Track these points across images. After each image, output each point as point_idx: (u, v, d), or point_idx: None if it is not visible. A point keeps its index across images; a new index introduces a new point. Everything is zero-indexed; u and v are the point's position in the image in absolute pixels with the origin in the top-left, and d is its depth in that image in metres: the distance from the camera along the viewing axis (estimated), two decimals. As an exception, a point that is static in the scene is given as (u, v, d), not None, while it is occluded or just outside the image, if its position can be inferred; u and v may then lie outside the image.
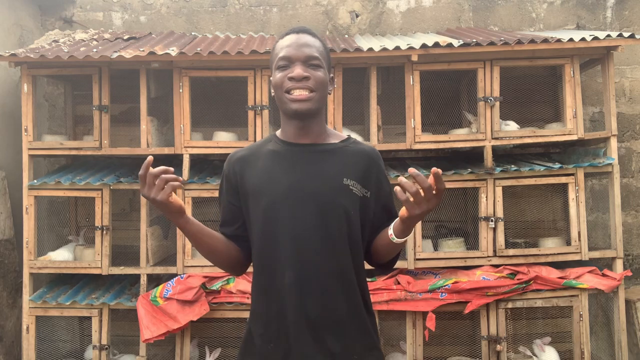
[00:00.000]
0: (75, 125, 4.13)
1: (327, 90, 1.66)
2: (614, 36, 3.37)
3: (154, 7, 4.39)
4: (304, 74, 1.57)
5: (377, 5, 4.34)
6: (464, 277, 3.35)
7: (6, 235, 3.74)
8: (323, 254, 1.58)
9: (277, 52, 1.63)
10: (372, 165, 1.67)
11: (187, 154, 3.47)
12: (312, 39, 1.63)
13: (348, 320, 1.60)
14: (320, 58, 1.62)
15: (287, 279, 1.57)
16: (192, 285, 3.30)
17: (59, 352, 3.72)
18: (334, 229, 1.58)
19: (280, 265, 1.58)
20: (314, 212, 1.58)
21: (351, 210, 1.60)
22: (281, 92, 1.60)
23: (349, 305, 1.60)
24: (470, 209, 3.69)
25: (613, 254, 3.47)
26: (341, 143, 1.69)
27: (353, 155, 1.67)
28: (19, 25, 4.14)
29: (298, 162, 1.63)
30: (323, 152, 1.66)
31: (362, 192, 1.63)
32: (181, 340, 3.40)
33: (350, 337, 1.60)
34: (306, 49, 1.60)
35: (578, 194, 3.44)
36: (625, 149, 4.16)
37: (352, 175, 1.63)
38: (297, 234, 1.58)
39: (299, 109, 1.59)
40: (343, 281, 1.59)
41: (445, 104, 3.82)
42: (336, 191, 1.60)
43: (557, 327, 3.87)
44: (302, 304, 1.56)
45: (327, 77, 1.64)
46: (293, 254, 1.57)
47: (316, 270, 1.57)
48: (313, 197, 1.59)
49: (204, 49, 3.37)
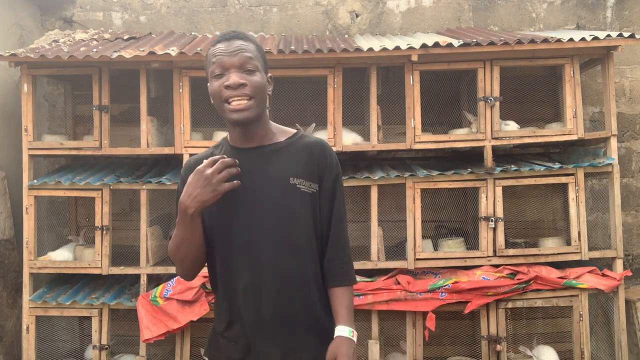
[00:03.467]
0: (75, 125, 4.13)
1: (266, 93, 1.65)
2: (614, 36, 3.37)
3: (154, 7, 4.40)
4: (240, 81, 1.57)
5: (377, 5, 4.34)
6: (464, 277, 3.35)
7: (6, 235, 3.74)
8: (275, 254, 1.60)
9: (210, 59, 1.62)
10: (317, 159, 1.67)
11: (187, 154, 3.47)
12: (245, 43, 1.62)
13: (304, 318, 1.63)
14: (255, 61, 1.61)
15: (242, 281, 1.61)
16: (192, 285, 3.29)
17: (59, 352, 3.72)
18: (285, 230, 1.61)
19: (235, 268, 1.62)
20: (264, 215, 1.61)
21: (301, 209, 1.62)
22: (220, 101, 1.60)
23: (304, 303, 1.63)
24: (470, 209, 3.69)
25: (613, 254, 3.47)
26: (287, 140, 1.70)
27: (298, 152, 1.67)
28: (19, 25, 4.14)
29: (245, 166, 1.61)
30: (268, 154, 1.67)
31: (311, 188, 1.64)
32: (181, 340, 3.40)
33: (306, 333, 1.64)
34: (240, 55, 1.58)
35: (578, 194, 3.44)
36: (625, 149, 4.16)
37: (298, 173, 1.64)
38: (249, 238, 1.61)
39: (239, 119, 1.59)
40: (296, 280, 1.62)
41: (445, 104, 3.82)
42: (284, 192, 1.62)
43: (557, 327, 3.88)
44: (257, 305, 1.60)
45: (264, 79, 1.63)
46: (246, 257, 1.61)
47: (270, 272, 1.60)
48: (262, 200, 1.61)
49: (204, 49, 3.37)
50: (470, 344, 3.70)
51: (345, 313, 1.64)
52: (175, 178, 3.47)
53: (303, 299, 1.63)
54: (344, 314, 1.64)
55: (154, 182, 3.45)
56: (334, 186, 1.69)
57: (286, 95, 3.73)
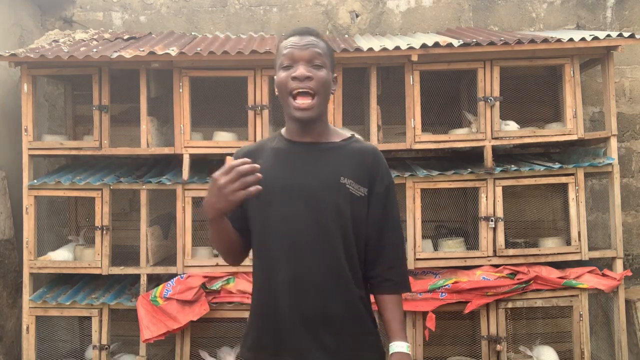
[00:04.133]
0: (75, 125, 4.13)
1: (330, 91, 1.67)
2: (614, 36, 3.37)
3: (154, 7, 4.40)
4: (307, 73, 1.59)
5: (377, 5, 4.34)
6: (464, 277, 3.35)
7: (6, 235, 3.74)
8: (316, 251, 1.60)
9: (281, 51, 1.65)
10: (370, 164, 1.68)
11: (187, 153, 3.47)
12: (316, 40, 1.65)
13: (343, 317, 1.62)
14: (324, 58, 1.64)
15: (282, 275, 1.60)
16: (192, 285, 3.29)
17: (59, 352, 3.72)
18: (327, 228, 1.60)
19: (275, 262, 1.62)
20: (308, 210, 1.60)
21: (346, 209, 1.62)
22: (285, 93, 1.62)
23: (344, 302, 1.62)
24: (470, 209, 3.69)
25: (613, 253, 3.47)
26: (342, 142, 1.71)
27: (351, 154, 1.68)
28: (19, 25, 4.14)
29: (297, 160, 1.65)
30: (323, 151, 1.68)
31: (360, 191, 1.65)
32: (181, 340, 3.40)
33: (345, 333, 1.62)
34: (309, 49, 1.62)
35: (578, 194, 3.44)
36: (625, 149, 4.16)
37: (349, 174, 1.64)
38: (291, 232, 1.61)
39: (302, 117, 1.61)
40: (337, 278, 1.61)
41: (445, 104, 3.82)
42: (332, 190, 1.62)
43: (557, 327, 3.88)
44: (296, 301, 1.59)
45: (330, 77, 1.66)
46: (287, 251, 1.61)
47: (310, 268, 1.60)
48: (308, 195, 1.61)
49: (204, 49, 3.37)
50: (470, 344, 3.70)
51: (399, 327, 1.67)
52: (175, 178, 3.47)
53: (342, 298, 1.62)
54: (397, 328, 1.67)
55: (154, 182, 3.45)
56: (387, 193, 1.69)
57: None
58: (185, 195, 3.43)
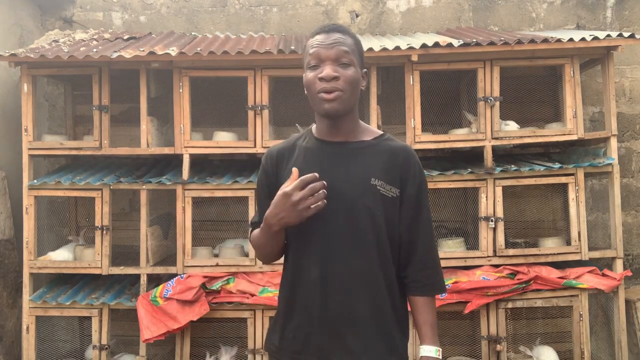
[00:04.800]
0: (75, 125, 4.13)
1: (359, 88, 1.64)
2: (614, 36, 3.37)
3: (154, 7, 4.40)
4: (334, 74, 1.57)
5: (377, 5, 4.34)
6: (464, 277, 3.35)
7: (6, 235, 3.74)
8: (347, 253, 1.59)
9: (308, 50, 1.63)
10: (402, 164, 1.65)
11: (187, 153, 3.47)
12: (343, 37, 1.62)
13: (369, 320, 1.61)
14: (351, 56, 1.61)
15: (312, 275, 1.60)
16: (192, 285, 3.29)
17: (59, 352, 3.72)
18: (359, 229, 1.59)
19: (306, 262, 1.62)
20: (340, 212, 1.59)
21: (377, 211, 1.60)
22: (312, 92, 1.60)
23: (371, 305, 1.61)
24: (470, 209, 3.69)
25: (613, 254, 3.47)
26: (373, 140, 1.69)
27: (383, 153, 1.66)
28: (19, 25, 4.14)
29: (328, 160, 1.63)
30: (353, 151, 1.65)
31: (391, 192, 1.63)
32: (181, 340, 3.40)
33: (370, 337, 1.60)
34: (336, 48, 1.59)
35: (578, 194, 3.44)
36: (625, 149, 4.16)
37: (380, 174, 1.62)
38: (323, 233, 1.60)
39: (329, 110, 1.59)
40: (366, 281, 1.60)
41: (445, 104, 3.81)
42: (363, 191, 1.60)
43: (557, 327, 3.87)
44: (324, 301, 1.59)
45: (358, 74, 1.63)
46: (318, 251, 1.60)
47: (340, 269, 1.59)
48: (340, 196, 1.59)
49: (204, 49, 3.37)
50: (470, 344, 3.70)
51: (430, 331, 1.66)
52: (175, 178, 3.47)
53: (371, 300, 1.60)
54: (428, 332, 1.66)
55: (154, 182, 3.45)
56: (419, 194, 1.66)
57: (286, 95, 3.73)
58: (185, 195, 3.43)
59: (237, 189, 3.43)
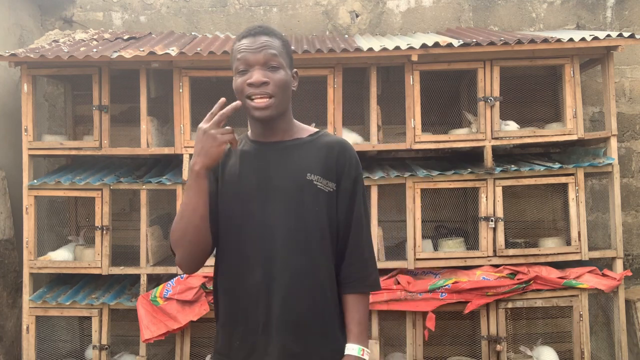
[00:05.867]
0: (75, 125, 4.13)
1: (290, 90, 1.63)
2: (614, 36, 3.37)
3: (154, 7, 4.40)
4: (263, 79, 1.55)
5: (377, 5, 4.34)
6: (464, 277, 3.35)
7: (6, 235, 3.74)
8: (285, 253, 1.55)
9: (235, 55, 1.60)
10: (337, 157, 1.62)
11: (187, 153, 3.47)
12: (270, 39, 1.59)
13: (311, 321, 1.56)
14: (280, 58, 1.58)
15: (251, 277, 1.56)
16: (192, 285, 3.30)
17: (59, 352, 3.72)
18: (297, 227, 1.56)
19: (245, 264, 1.57)
20: (278, 210, 1.57)
21: (315, 206, 1.58)
22: (242, 97, 1.59)
23: (313, 305, 1.56)
24: (470, 209, 3.69)
25: (613, 254, 3.47)
26: (309, 137, 1.67)
27: (318, 149, 1.63)
28: (19, 25, 4.14)
29: (263, 160, 1.61)
30: (288, 148, 1.63)
31: (328, 187, 1.60)
32: (181, 340, 3.40)
33: (312, 338, 1.56)
34: (264, 52, 1.56)
35: (578, 194, 3.44)
36: (625, 149, 4.16)
37: (316, 169, 1.60)
38: (261, 233, 1.56)
39: (261, 117, 1.58)
40: (308, 280, 1.56)
41: (445, 104, 3.82)
42: (299, 187, 1.58)
43: (557, 327, 3.88)
44: (267, 303, 1.55)
45: (288, 76, 1.61)
46: (257, 253, 1.56)
47: (279, 270, 1.54)
48: (277, 194, 1.57)
49: (204, 49, 3.37)
50: (470, 344, 3.70)
51: (356, 329, 1.59)
52: (175, 178, 3.47)
53: (314, 299, 1.56)
54: (354, 329, 1.59)
55: (154, 182, 3.45)
56: (354, 187, 1.63)
57: (286, 95, 3.72)
58: (185, 195, 3.43)
59: (237, 189, 3.43)
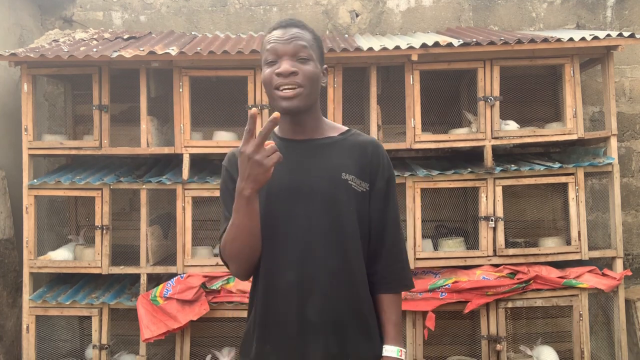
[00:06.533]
0: (75, 125, 4.13)
1: (320, 84, 1.60)
2: (614, 36, 3.36)
3: (154, 7, 4.39)
4: (292, 69, 1.52)
5: (377, 5, 4.34)
6: (464, 277, 3.35)
7: (6, 234, 3.74)
8: (322, 253, 1.53)
9: (265, 46, 1.58)
10: (370, 157, 1.61)
11: (187, 153, 3.47)
12: (301, 31, 1.57)
13: (350, 322, 1.55)
14: (310, 51, 1.56)
15: (287, 279, 1.53)
16: (192, 285, 3.30)
17: (59, 352, 3.72)
18: (332, 227, 1.53)
19: (279, 266, 1.54)
20: (312, 210, 1.54)
21: (350, 206, 1.55)
22: (270, 88, 1.55)
23: (350, 306, 1.55)
24: (470, 208, 3.69)
25: (613, 253, 3.47)
26: (340, 136, 1.64)
27: (351, 148, 1.61)
28: (19, 25, 4.14)
29: (295, 159, 1.57)
30: (320, 147, 1.60)
31: (361, 187, 1.58)
32: (181, 339, 3.40)
33: (351, 339, 1.55)
34: (294, 43, 1.54)
35: (578, 194, 3.44)
36: (625, 148, 4.16)
37: (351, 169, 1.57)
38: (296, 233, 1.53)
39: (288, 107, 1.54)
40: (345, 282, 1.54)
41: (445, 104, 3.81)
42: (334, 187, 1.55)
43: (557, 327, 3.88)
44: (301, 305, 1.52)
45: (317, 69, 1.58)
46: (293, 253, 1.53)
47: (315, 270, 1.52)
48: (311, 194, 1.54)
49: (204, 49, 3.37)
50: (470, 344, 3.70)
51: (393, 331, 1.58)
52: (175, 177, 3.47)
53: (349, 299, 1.54)
54: (392, 331, 1.58)
55: (154, 182, 3.45)
56: (388, 188, 1.62)
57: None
58: (185, 194, 3.43)
59: (237, 188, 3.42)
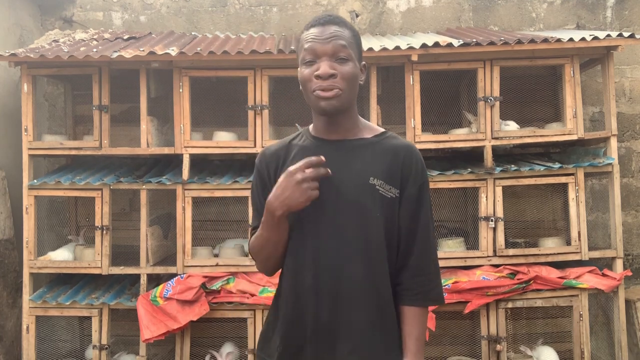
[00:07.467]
0: (75, 125, 4.13)
1: (358, 83, 1.56)
2: (614, 36, 3.37)
3: (154, 7, 4.39)
4: (331, 71, 1.48)
5: (377, 5, 4.34)
6: (464, 277, 3.35)
7: (6, 235, 3.74)
8: (341, 257, 1.50)
9: (302, 44, 1.53)
10: (402, 163, 1.55)
11: (187, 153, 3.47)
12: (340, 29, 1.52)
13: (370, 333, 1.51)
14: (349, 50, 1.51)
15: (307, 282, 1.51)
16: (192, 285, 3.29)
17: (59, 352, 3.72)
18: (355, 232, 1.51)
19: (301, 268, 1.53)
20: (335, 213, 1.51)
21: (376, 212, 1.51)
22: (309, 90, 1.52)
23: (371, 316, 1.50)
24: (470, 209, 3.69)
25: (613, 253, 3.47)
26: (374, 138, 1.60)
27: (383, 151, 1.56)
28: (19, 25, 4.14)
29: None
30: (352, 149, 1.56)
31: (390, 192, 1.53)
32: (181, 340, 3.39)
33: (371, 350, 1.51)
34: (333, 42, 1.49)
35: (578, 194, 3.44)
36: (625, 148, 4.16)
37: (379, 174, 1.53)
38: (318, 236, 1.51)
39: (327, 108, 1.50)
40: (363, 288, 1.50)
41: (445, 104, 3.81)
42: (361, 191, 1.52)
43: (557, 327, 3.88)
44: (321, 312, 1.50)
45: (356, 69, 1.54)
46: (313, 256, 1.51)
47: (334, 274, 1.50)
48: (336, 197, 1.51)
49: (204, 49, 3.37)
50: (470, 344, 3.70)
51: (414, 346, 1.52)
52: (175, 178, 3.47)
53: (372, 309, 1.50)
54: (412, 346, 1.52)
55: (154, 182, 3.45)
56: (420, 194, 1.56)
57: (286, 95, 3.73)
58: (185, 195, 3.43)
59: (237, 188, 3.43)
